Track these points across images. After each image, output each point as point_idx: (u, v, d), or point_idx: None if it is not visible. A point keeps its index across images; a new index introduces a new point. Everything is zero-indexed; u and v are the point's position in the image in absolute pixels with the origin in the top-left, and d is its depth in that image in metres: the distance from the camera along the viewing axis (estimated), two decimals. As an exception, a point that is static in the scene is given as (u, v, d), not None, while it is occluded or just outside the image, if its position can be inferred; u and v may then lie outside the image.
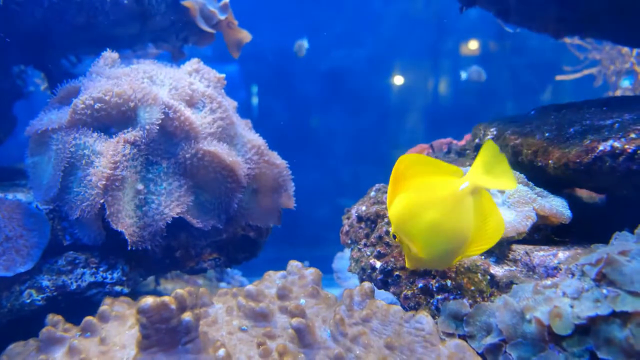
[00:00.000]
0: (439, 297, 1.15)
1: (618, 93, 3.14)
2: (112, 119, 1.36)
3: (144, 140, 1.32)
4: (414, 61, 4.76)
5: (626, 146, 1.07)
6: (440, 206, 0.90)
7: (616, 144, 1.09)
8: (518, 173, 1.28)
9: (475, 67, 3.90)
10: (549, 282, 1.01)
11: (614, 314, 0.85)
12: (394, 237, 0.99)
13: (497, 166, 0.87)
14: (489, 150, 0.88)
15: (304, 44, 3.71)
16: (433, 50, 4.70)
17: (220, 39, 2.13)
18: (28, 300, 1.25)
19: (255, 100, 4.69)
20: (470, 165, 1.43)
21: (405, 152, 2.15)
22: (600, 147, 1.11)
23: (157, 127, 1.33)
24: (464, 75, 3.90)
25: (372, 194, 1.62)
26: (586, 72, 3.27)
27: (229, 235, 1.57)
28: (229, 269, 2.63)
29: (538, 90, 4.53)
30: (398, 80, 4.79)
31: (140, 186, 1.32)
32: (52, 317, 1.17)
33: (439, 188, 0.90)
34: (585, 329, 0.88)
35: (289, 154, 1.65)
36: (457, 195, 0.88)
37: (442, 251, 0.94)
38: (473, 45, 4.62)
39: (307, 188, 1.93)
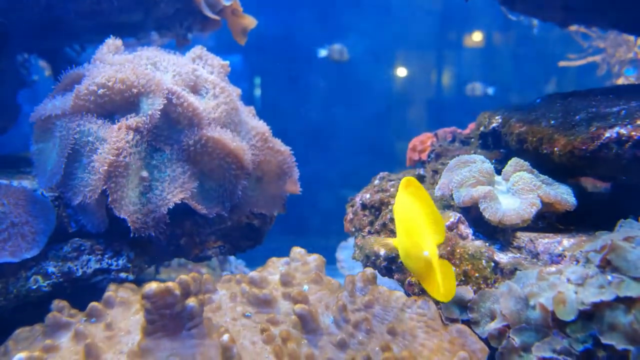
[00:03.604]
0: (443, 284, 1.14)
1: (621, 81, 3.11)
2: (115, 106, 1.36)
3: (147, 127, 1.32)
4: (417, 52, 4.73)
5: (632, 133, 1.07)
6: (412, 251, 1.06)
7: (622, 131, 1.08)
8: (522, 161, 1.27)
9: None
10: (553, 268, 1.01)
11: (618, 299, 0.85)
12: None
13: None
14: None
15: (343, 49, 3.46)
16: (436, 41, 4.67)
17: (222, 29, 2.11)
18: (34, 286, 1.26)
19: (258, 91, 4.68)
20: (475, 153, 1.44)
21: (409, 142, 2.14)
22: (607, 134, 1.10)
23: (160, 113, 1.32)
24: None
25: (376, 182, 1.62)
26: (590, 59, 3.23)
27: (234, 223, 1.57)
28: (232, 258, 2.63)
29: (542, 81, 4.51)
30: (402, 70, 4.77)
31: (144, 173, 1.32)
32: (57, 303, 1.18)
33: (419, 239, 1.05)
34: (590, 315, 0.88)
35: (293, 144, 1.65)
36: (421, 255, 1.02)
37: (411, 270, 1.11)
38: (477, 36, 4.59)
39: (310, 178, 1.93)
